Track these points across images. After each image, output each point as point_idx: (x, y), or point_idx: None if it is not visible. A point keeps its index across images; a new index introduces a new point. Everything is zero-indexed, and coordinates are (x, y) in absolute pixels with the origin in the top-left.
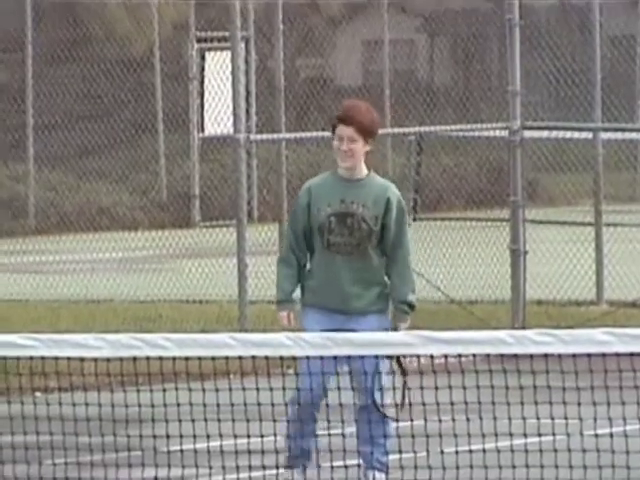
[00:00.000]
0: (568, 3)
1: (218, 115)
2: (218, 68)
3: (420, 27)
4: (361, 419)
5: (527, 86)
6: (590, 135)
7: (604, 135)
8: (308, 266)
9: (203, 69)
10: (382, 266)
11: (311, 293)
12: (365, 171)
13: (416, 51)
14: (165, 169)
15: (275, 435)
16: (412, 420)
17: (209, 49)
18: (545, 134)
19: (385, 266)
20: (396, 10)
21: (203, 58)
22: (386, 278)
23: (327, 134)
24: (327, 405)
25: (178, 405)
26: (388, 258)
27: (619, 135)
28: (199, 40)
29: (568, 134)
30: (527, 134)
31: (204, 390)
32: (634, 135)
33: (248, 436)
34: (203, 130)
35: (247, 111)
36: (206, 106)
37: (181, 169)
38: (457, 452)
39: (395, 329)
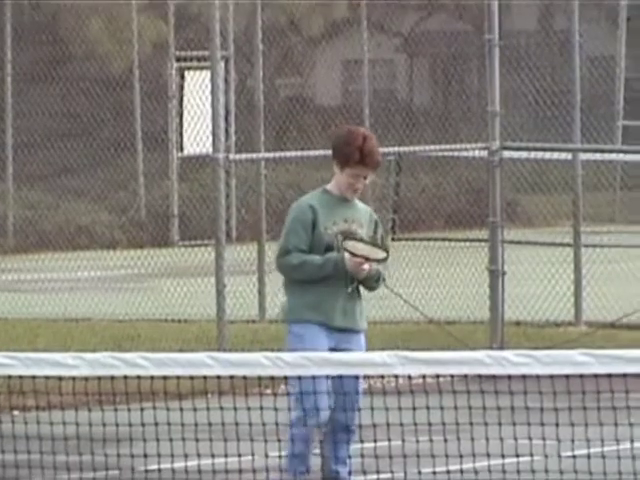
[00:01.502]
0: (548, 25)
1: (197, 134)
2: (197, 87)
3: (400, 47)
4: (340, 439)
5: (506, 107)
6: (569, 156)
7: (583, 156)
8: (298, 284)
9: (182, 88)
10: None
11: (311, 310)
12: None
13: (395, 71)
14: (144, 188)
15: (253, 454)
16: (390, 440)
17: (188, 68)
18: (524, 155)
19: None
20: (376, 30)
21: (182, 77)
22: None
23: (307, 153)
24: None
25: (156, 424)
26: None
27: (598, 156)
28: (178, 59)
29: (547, 155)
30: (506, 154)
31: (182, 409)
32: (613, 156)
33: (226, 455)
34: (182, 149)
35: (226, 130)
36: (185, 125)
37: (160, 188)
38: (435, 473)
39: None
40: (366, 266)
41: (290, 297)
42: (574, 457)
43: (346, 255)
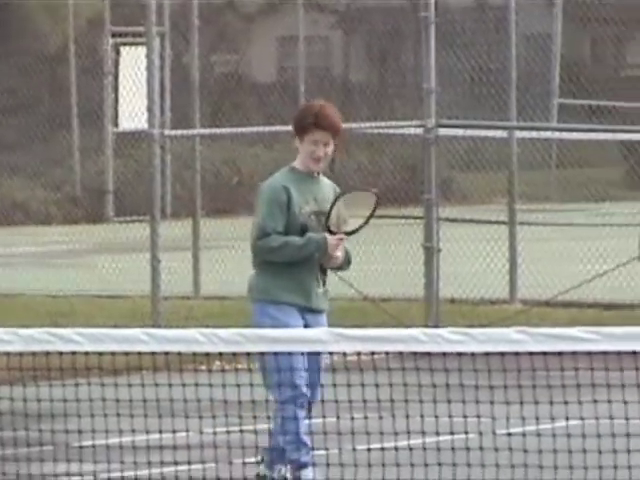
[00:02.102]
0: (484, 2)
1: (133, 110)
2: (133, 63)
3: (335, 24)
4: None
5: (442, 84)
6: (505, 134)
7: (519, 134)
8: (272, 264)
9: (118, 64)
10: None
11: (284, 291)
12: None
13: (331, 48)
14: (79, 164)
15: (187, 431)
16: (324, 417)
17: (124, 44)
18: (460, 132)
19: None
20: (312, 7)
21: (118, 53)
22: None
23: (242, 130)
24: (239, 402)
25: (91, 400)
26: None
27: (534, 134)
28: (114, 35)
29: (483, 132)
30: (442, 132)
31: (117, 385)
32: (549, 134)
33: (160, 432)
34: (117, 125)
35: (161, 106)
36: (121, 101)
37: (95, 164)
38: (369, 450)
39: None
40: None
41: (263, 278)
42: (509, 435)
43: (328, 235)
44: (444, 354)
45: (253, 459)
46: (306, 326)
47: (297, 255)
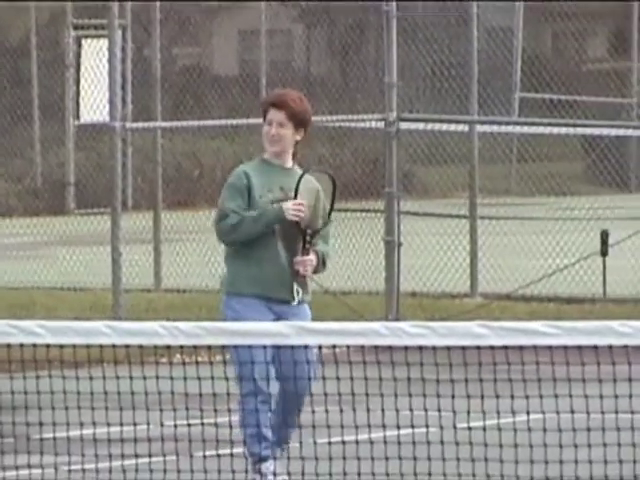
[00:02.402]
0: None
1: (94, 103)
2: (95, 56)
3: (297, 17)
4: (290, 408)
5: (404, 78)
6: (466, 128)
7: (480, 128)
8: (235, 256)
9: (80, 56)
10: None
11: (252, 282)
12: (291, 162)
13: (293, 41)
14: (40, 156)
15: (148, 424)
16: None
17: (86, 36)
18: (421, 126)
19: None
20: (274, 0)
21: (80, 45)
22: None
23: (203, 123)
24: (200, 395)
25: (51, 393)
26: (318, 245)
27: (495, 128)
28: (76, 27)
29: (444, 126)
30: (403, 126)
31: (78, 378)
32: (510, 128)
33: (121, 424)
34: (79, 117)
35: (123, 99)
36: (82, 93)
37: (56, 156)
38: (330, 443)
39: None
40: (305, 210)
41: (230, 270)
42: (470, 429)
43: (285, 204)
44: (405, 348)
45: (214, 452)
46: (279, 319)
47: (256, 228)
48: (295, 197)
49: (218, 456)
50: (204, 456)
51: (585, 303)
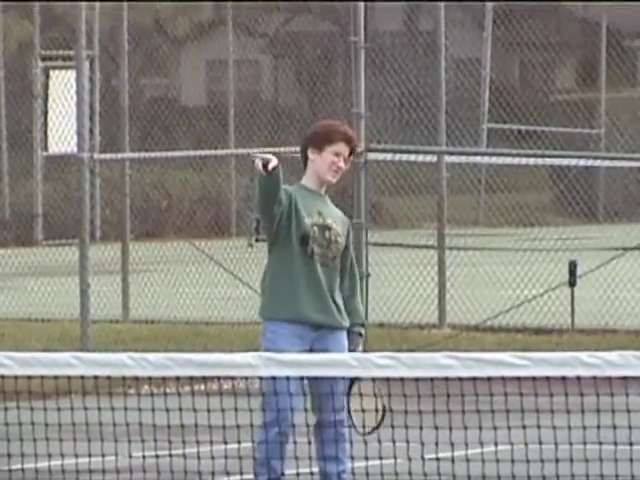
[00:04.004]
0: (414, 26)
1: (62, 134)
2: (63, 87)
3: (265, 48)
4: (326, 437)
5: (372, 109)
6: (434, 158)
7: (448, 158)
8: (272, 279)
9: (47, 87)
10: None
11: (286, 302)
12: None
13: (261, 72)
14: (8, 187)
15: (116, 455)
16: (254, 442)
17: (54, 67)
18: (389, 157)
19: (340, 286)
20: (241, 31)
21: (48, 76)
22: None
23: (171, 154)
24: (168, 426)
25: (20, 424)
26: (344, 281)
27: (463, 159)
28: (44, 58)
29: (412, 157)
30: (371, 156)
31: (46, 409)
32: (478, 159)
33: (89, 455)
34: (47, 149)
35: (91, 130)
36: (50, 124)
37: (24, 187)
38: (298, 475)
39: (353, 351)
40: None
41: (265, 294)
42: (438, 460)
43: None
44: (373, 379)
45: None
46: (312, 348)
47: (262, 185)
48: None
49: None
50: None
51: (553, 334)
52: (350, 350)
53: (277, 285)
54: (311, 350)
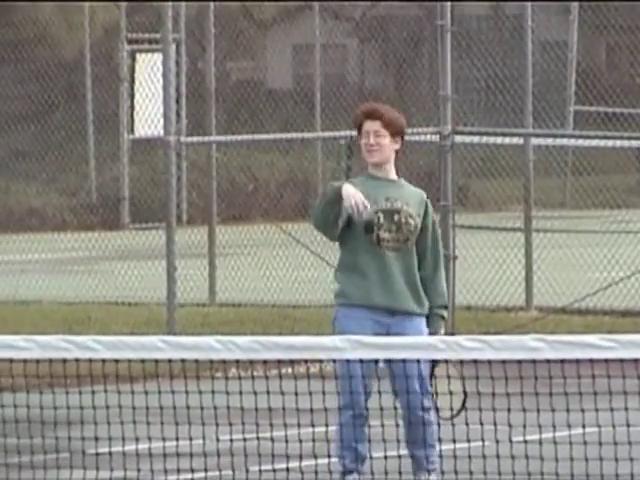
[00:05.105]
0: (500, 10)
1: (148, 117)
2: (149, 70)
3: (352, 32)
4: (413, 421)
5: (458, 91)
6: (521, 141)
7: (535, 141)
8: (342, 270)
9: (134, 71)
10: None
11: (358, 290)
12: (395, 174)
13: (347, 55)
14: (95, 171)
15: (204, 438)
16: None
17: (140, 51)
18: (476, 139)
19: (420, 269)
20: (328, 15)
21: (134, 60)
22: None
23: (258, 137)
24: (256, 409)
25: (107, 407)
26: (425, 261)
27: (550, 141)
28: (130, 42)
29: (499, 139)
30: (458, 139)
31: (133, 393)
32: (564, 141)
33: (177, 439)
34: (133, 132)
35: (177, 113)
36: (136, 108)
37: (111, 171)
38: (386, 458)
39: (434, 334)
40: (364, 210)
41: (338, 280)
42: (525, 442)
43: (347, 186)
44: (461, 362)
45: (270, 466)
46: (386, 332)
47: (322, 203)
48: (401, 207)
49: (274, 470)
50: (260, 470)
51: None
52: (430, 333)
53: (347, 276)
54: (387, 335)
